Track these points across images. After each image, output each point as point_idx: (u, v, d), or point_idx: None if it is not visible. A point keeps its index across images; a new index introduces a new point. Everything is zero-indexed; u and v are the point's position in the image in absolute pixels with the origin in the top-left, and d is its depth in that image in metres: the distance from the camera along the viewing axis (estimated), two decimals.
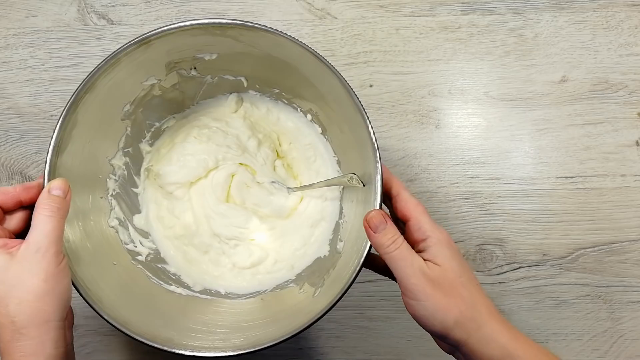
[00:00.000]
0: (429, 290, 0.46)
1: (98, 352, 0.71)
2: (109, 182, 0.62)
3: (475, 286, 0.48)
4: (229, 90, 0.67)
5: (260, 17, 0.73)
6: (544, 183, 0.71)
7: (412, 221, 0.50)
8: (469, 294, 0.46)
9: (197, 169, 0.66)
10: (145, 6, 0.73)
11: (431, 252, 0.48)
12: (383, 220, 0.48)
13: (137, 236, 0.64)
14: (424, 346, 0.70)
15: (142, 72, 0.58)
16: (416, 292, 0.46)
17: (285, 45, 0.54)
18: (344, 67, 0.72)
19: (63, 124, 0.53)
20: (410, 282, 0.46)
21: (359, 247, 0.52)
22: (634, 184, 0.71)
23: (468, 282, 0.47)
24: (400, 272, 0.47)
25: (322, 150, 0.67)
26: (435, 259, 0.47)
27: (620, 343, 0.70)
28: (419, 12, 0.73)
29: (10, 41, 0.73)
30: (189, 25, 0.53)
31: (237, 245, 0.66)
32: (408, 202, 0.50)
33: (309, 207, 0.67)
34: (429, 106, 0.72)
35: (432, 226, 0.49)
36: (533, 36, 0.73)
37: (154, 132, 0.66)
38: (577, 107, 0.72)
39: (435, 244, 0.48)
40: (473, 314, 0.46)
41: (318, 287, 0.58)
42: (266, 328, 0.56)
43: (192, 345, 0.52)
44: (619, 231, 0.70)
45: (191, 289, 0.64)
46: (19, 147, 0.72)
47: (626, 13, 0.73)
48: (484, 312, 0.47)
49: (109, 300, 0.54)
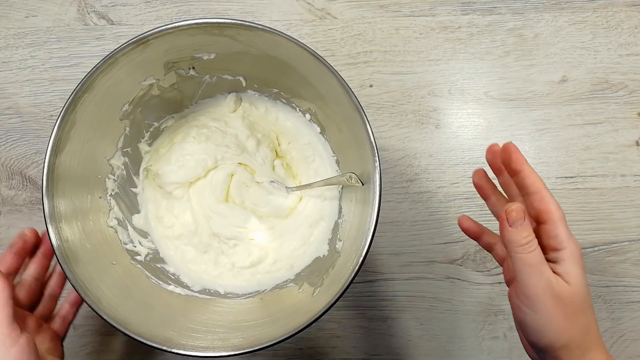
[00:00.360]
0: (552, 307, 0.44)
1: (98, 352, 0.71)
2: (107, 182, 0.63)
3: (591, 311, 0.45)
4: (227, 90, 0.67)
5: (260, 17, 0.73)
6: None
7: (549, 226, 0.46)
8: (585, 320, 0.45)
9: (196, 169, 0.66)
10: (145, 6, 0.73)
11: (564, 266, 0.45)
12: (522, 216, 0.44)
13: (136, 236, 0.64)
14: (424, 346, 0.70)
15: (140, 72, 0.58)
16: (536, 304, 0.44)
17: (284, 44, 0.54)
18: (343, 67, 0.72)
19: (61, 124, 0.53)
20: (534, 292, 0.44)
21: (358, 247, 0.52)
22: (634, 184, 0.70)
23: (589, 308, 0.45)
24: (526, 278, 0.44)
25: (321, 149, 0.67)
26: (567, 275, 0.44)
27: (620, 343, 0.69)
28: (419, 12, 0.73)
29: (10, 41, 0.73)
30: (187, 25, 0.53)
31: (236, 245, 0.66)
32: (549, 204, 0.46)
33: (308, 206, 0.67)
34: (429, 106, 0.72)
35: (568, 236, 0.45)
36: (533, 36, 0.73)
37: (152, 132, 0.66)
38: (577, 107, 0.72)
39: (570, 258, 0.45)
40: (583, 340, 0.44)
41: (317, 287, 0.58)
42: (265, 328, 0.56)
43: (192, 345, 0.52)
44: (619, 231, 0.70)
45: (190, 289, 0.64)
46: (19, 147, 0.72)
47: (626, 13, 0.73)
48: (593, 340, 0.45)
49: (108, 300, 0.54)
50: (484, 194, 0.55)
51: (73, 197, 0.57)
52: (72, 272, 0.52)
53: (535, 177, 0.47)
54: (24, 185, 0.71)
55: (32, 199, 0.71)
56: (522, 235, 0.44)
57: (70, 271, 0.52)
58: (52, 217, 0.53)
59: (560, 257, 0.45)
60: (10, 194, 0.71)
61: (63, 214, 0.55)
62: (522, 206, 0.45)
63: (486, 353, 0.70)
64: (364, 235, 0.51)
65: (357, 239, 0.55)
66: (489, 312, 0.70)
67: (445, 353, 0.71)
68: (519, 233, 0.44)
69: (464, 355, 0.70)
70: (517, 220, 0.44)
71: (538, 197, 0.46)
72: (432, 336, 0.70)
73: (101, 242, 0.60)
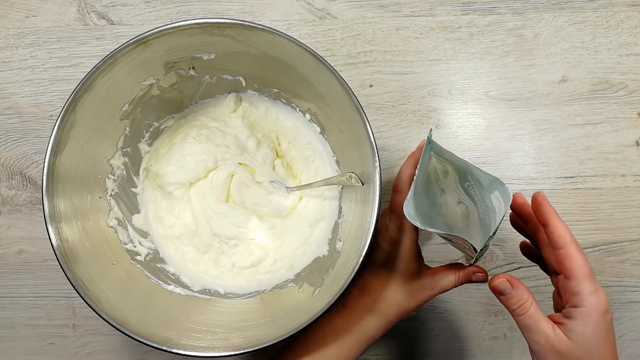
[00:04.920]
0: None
1: (98, 352, 0.71)
2: (107, 182, 0.62)
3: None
4: (227, 90, 0.67)
5: (260, 17, 0.73)
6: (544, 183, 0.71)
7: (573, 282, 0.47)
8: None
9: (196, 170, 0.66)
10: (145, 6, 0.73)
11: (572, 324, 0.46)
12: (508, 286, 0.49)
13: (136, 236, 0.64)
14: (424, 346, 0.70)
15: (140, 72, 0.58)
16: (538, 356, 0.48)
17: (283, 44, 0.54)
18: (343, 67, 0.72)
19: (61, 124, 0.53)
20: (534, 348, 0.48)
21: (358, 247, 0.52)
22: (634, 184, 0.70)
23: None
24: (526, 335, 0.48)
25: (321, 149, 0.67)
26: (571, 333, 0.46)
27: (620, 343, 0.70)
28: (419, 12, 0.73)
29: (10, 41, 0.73)
30: (187, 24, 0.53)
31: (236, 245, 0.66)
32: (574, 260, 0.47)
33: (308, 206, 0.67)
34: (429, 106, 0.72)
35: (591, 293, 0.46)
36: (533, 36, 0.73)
37: (152, 132, 0.66)
38: (577, 107, 0.72)
39: (582, 316, 0.46)
40: None
41: (317, 287, 0.58)
42: (265, 328, 0.56)
43: (192, 345, 0.52)
44: (619, 231, 0.70)
45: (190, 289, 0.64)
46: (19, 147, 0.72)
47: (626, 13, 0.73)
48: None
49: (108, 300, 0.54)
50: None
51: (73, 197, 0.57)
52: (72, 272, 0.52)
53: (563, 231, 0.48)
54: (24, 185, 0.71)
55: (32, 199, 0.71)
56: (512, 302, 0.49)
57: (70, 271, 0.52)
58: (52, 217, 0.53)
59: (574, 314, 0.46)
60: (10, 194, 0.71)
61: (63, 214, 0.55)
62: (504, 278, 0.49)
63: (486, 353, 0.70)
64: (364, 235, 0.51)
65: (357, 239, 0.55)
66: (489, 312, 0.70)
67: (445, 353, 0.71)
68: (508, 300, 0.49)
69: (464, 355, 0.70)
70: (505, 290, 0.49)
71: (563, 253, 0.48)
72: (432, 336, 0.70)
73: (101, 242, 0.60)
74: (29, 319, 0.71)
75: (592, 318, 0.46)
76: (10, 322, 0.71)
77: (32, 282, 0.71)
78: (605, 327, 0.46)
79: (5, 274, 0.71)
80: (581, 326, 0.46)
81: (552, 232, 0.49)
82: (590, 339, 0.46)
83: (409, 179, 0.56)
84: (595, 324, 0.46)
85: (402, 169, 0.57)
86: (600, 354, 0.46)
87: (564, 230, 0.48)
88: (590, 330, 0.46)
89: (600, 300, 0.46)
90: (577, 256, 0.47)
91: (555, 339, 0.46)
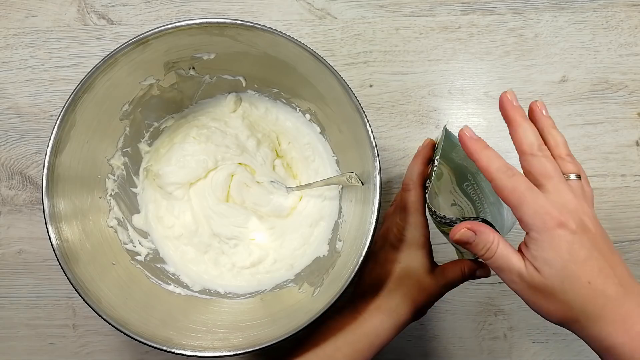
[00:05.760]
0: (528, 296, 0.44)
1: (98, 352, 0.71)
2: (107, 182, 0.63)
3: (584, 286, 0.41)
4: (227, 90, 0.67)
5: (260, 17, 0.73)
6: None
7: (515, 212, 0.44)
8: (574, 297, 0.42)
9: (196, 170, 0.66)
10: (145, 6, 0.73)
11: (533, 254, 0.43)
12: (471, 234, 0.45)
13: (136, 236, 0.64)
14: (424, 346, 0.70)
15: (140, 72, 0.58)
16: (520, 296, 0.45)
17: (283, 44, 0.54)
18: (344, 67, 0.72)
19: (61, 124, 0.53)
20: (512, 287, 0.45)
21: (358, 247, 0.52)
22: (634, 184, 0.70)
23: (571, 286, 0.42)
24: (501, 277, 0.45)
25: (321, 149, 0.67)
26: (536, 264, 0.42)
27: None
28: (419, 12, 0.73)
29: (10, 41, 0.73)
30: (187, 25, 0.53)
31: (236, 245, 0.66)
32: (503, 191, 0.44)
33: (308, 206, 0.67)
34: (429, 106, 0.72)
35: (534, 213, 0.42)
36: (533, 36, 0.73)
37: (152, 132, 0.66)
38: (577, 107, 0.72)
39: (537, 240, 0.42)
40: (578, 316, 0.42)
41: (317, 287, 0.58)
42: (265, 328, 0.56)
43: (191, 345, 0.52)
44: (619, 231, 0.70)
45: (190, 289, 0.64)
46: (19, 147, 0.72)
47: (626, 13, 0.73)
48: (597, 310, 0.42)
49: (108, 300, 0.54)
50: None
51: (73, 197, 0.57)
52: (72, 272, 0.52)
53: (484, 161, 0.45)
54: (24, 185, 0.71)
55: (32, 199, 0.71)
56: (479, 249, 0.45)
57: (70, 271, 0.52)
58: (52, 217, 0.53)
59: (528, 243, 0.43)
60: (10, 194, 0.71)
61: (63, 214, 0.55)
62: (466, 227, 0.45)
63: (486, 353, 0.70)
64: (364, 235, 0.51)
65: (357, 239, 0.55)
66: (489, 312, 0.70)
67: (445, 353, 0.71)
68: (474, 248, 0.45)
69: (464, 355, 0.70)
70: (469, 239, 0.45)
71: (493, 185, 0.45)
72: (432, 336, 0.70)
73: (101, 242, 0.60)
74: (29, 319, 0.71)
75: (545, 241, 0.42)
76: (10, 322, 0.71)
77: (32, 282, 0.71)
78: (565, 245, 0.41)
79: (5, 274, 0.71)
80: (540, 252, 0.42)
81: (512, 137, 0.47)
82: (553, 265, 0.42)
83: (419, 176, 0.56)
84: (551, 246, 0.42)
85: (412, 167, 0.57)
86: (571, 275, 0.41)
87: (521, 137, 0.46)
88: (549, 255, 0.42)
89: (545, 218, 0.42)
90: (505, 186, 0.44)
91: (527, 275, 0.43)
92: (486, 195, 0.56)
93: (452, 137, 0.53)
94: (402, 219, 0.56)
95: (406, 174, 0.58)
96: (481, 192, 0.56)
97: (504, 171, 0.44)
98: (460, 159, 0.56)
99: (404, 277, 0.55)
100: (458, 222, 0.47)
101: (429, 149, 0.58)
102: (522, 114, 0.47)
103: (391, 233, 0.57)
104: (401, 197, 0.57)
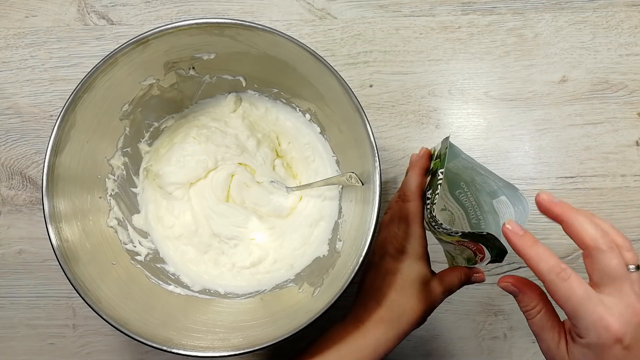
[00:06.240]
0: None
1: (98, 352, 0.71)
2: (107, 182, 0.63)
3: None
4: (227, 90, 0.67)
5: (260, 17, 0.73)
6: (544, 183, 0.71)
7: (569, 318, 0.43)
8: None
9: (196, 170, 0.66)
10: (145, 6, 0.73)
11: (573, 349, 0.43)
12: (514, 290, 0.48)
13: (136, 236, 0.64)
14: (424, 346, 0.70)
15: (140, 72, 0.58)
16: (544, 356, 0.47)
17: (283, 44, 0.54)
18: (344, 67, 0.72)
19: (61, 124, 0.53)
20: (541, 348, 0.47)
21: (358, 247, 0.52)
22: (634, 184, 0.70)
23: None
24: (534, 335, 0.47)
25: (321, 149, 0.67)
26: (572, 355, 0.43)
27: None
28: (419, 12, 0.73)
29: (10, 41, 0.73)
30: (187, 25, 0.53)
31: (236, 245, 0.66)
32: (555, 295, 0.42)
33: (308, 206, 0.67)
34: (429, 106, 0.72)
35: (592, 325, 0.41)
36: (533, 36, 0.73)
37: (152, 132, 0.66)
38: (577, 107, 0.72)
39: (586, 345, 0.42)
40: None
41: (317, 287, 0.58)
42: (265, 328, 0.56)
43: (191, 345, 0.52)
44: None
45: (190, 289, 0.64)
46: (19, 147, 0.72)
47: (626, 13, 0.73)
48: None
49: (108, 300, 0.54)
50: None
51: (73, 197, 0.57)
52: (72, 272, 0.52)
53: (578, 232, 0.43)
54: (24, 185, 0.71)
55: (32, 199, 0.71)
56: (521, 306, 0.48)
57: (70, 271, 0.52)
58: (52, 217, 0.53)
59: (576, 340, 0.43)
60: (10, 194, 0.71)
61: (63, 214, 0.55)
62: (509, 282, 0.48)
63: (486, 353, 0.70)
64: (364, 235, 0.51)
65: (357, 239, 0.55)
66: (489, 312, 0.70)
67: (445, 353, 0.71)
68: (518, 303, 0.48)
69: (464, 355, 0.70)
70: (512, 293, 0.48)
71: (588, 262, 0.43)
72: (432, 336, 0.70)
73: (101, 242, 0.60)
74: (29, 319, 0.71)
75: (593, 351, 0.41)
76: (10, 322, 0.71)
77: (32, 282, 0.71)
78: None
79: (5, 274, 0.71)
80: (581, 356, 0.42)
81: (569, 233, 0.44)
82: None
83: (418, 188, 0.56)
84: (597, 357, 0.41)
85: (410, 178, 0.57)
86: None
87: (580, 230, 0.43)
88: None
89: (601, 332, 0.40)
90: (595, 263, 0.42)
91: (557, 354, 0.44)
92: (481, 204, 0.57)
93: (454, 150, 0.53)
94: (401, 230, 0.57)
95: (404, 184, 0.58)
96: (475, 201, 0.57)
97: (557, 273, 0.41)
98: (457, 169, 0.56)
99: (406, 288, 0.55)
100: (459, 233, 0.48)
101: (425, 159, 0.58)
102: (569, 207, 0.44)
103: (390, 245, 0.57)
104: (400, 207, 0.58)
